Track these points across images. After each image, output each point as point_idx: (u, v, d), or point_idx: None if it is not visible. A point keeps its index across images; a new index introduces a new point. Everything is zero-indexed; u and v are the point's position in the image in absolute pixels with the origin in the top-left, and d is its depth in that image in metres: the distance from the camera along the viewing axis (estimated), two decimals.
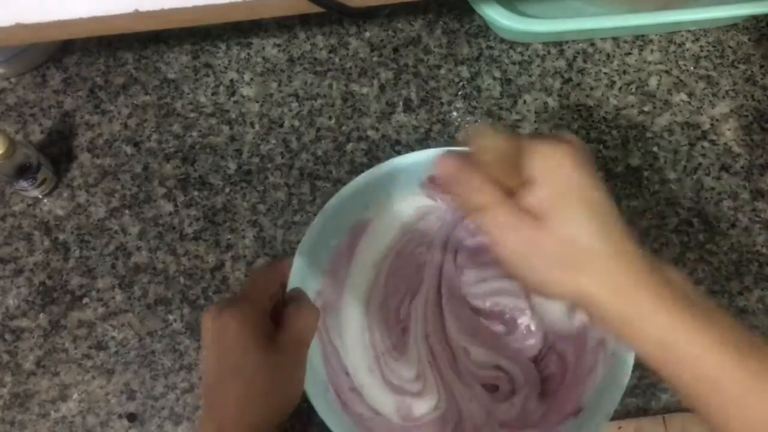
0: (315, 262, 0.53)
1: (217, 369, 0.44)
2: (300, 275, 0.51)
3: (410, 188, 0.57)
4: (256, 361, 0.43)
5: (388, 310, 0.57)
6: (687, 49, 0.67)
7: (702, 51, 0.67)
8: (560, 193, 0.34)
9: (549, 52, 0.67)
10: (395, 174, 0.54)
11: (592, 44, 0.67)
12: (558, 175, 0.35)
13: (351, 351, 0.56)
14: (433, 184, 0.56)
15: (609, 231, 0.34)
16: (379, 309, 0.57)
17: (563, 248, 0.34)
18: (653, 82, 0.66)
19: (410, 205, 0.58)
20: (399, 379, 0.56)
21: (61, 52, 0.67)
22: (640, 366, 0.50)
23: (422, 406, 0.55)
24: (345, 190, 0.52)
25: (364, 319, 0.57)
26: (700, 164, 0.64)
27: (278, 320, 0.47)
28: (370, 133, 0.65)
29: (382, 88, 0.66)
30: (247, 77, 0.67)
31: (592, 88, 0.66)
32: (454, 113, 0.66)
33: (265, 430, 0.45)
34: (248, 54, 0.67)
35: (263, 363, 0.44)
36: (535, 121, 0.65)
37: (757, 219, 0.62)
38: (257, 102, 0.66)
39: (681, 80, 0.66)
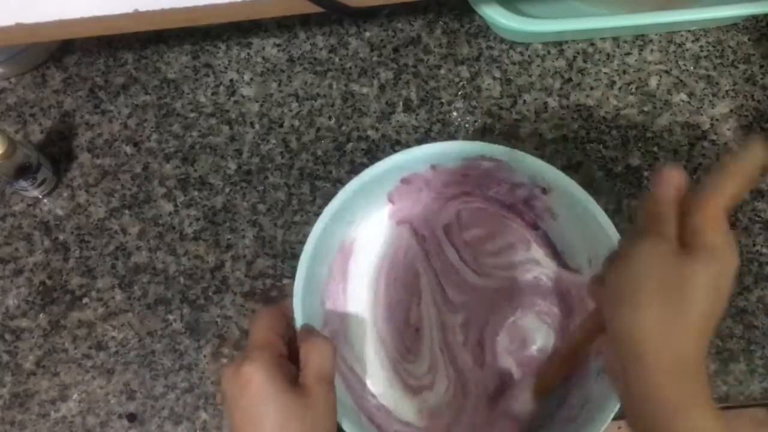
0: (311, 296, 0.53)
1: (248, 424, 0.43)
2: (302, 313, 0.50)
3: (383, 198, 0.58)
4: (286, 408, 0.42)
5: (397, 320, 0.57)
6: (687, 49, 0.67)
7: (702, 51, 0.67)
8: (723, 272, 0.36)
9: (549, 52, 0.67)
10: (368, 188, 0.54)
11: (592, 44, 0.67)
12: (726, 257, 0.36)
13: (370, 372, 0.56)
14: (397, 193, 0.57)
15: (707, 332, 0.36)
16: (387, 322, 0.57)
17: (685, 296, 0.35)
18: (653, 82, 0.66)
19: (386, 213, 0.59)
20: (416, 379, 0.56)
21: (61, 52, 0.67)
22: None
23: (437, 393, 0.55)
24: (326, 214, 0.52)
25: (375, 336, 0.57)
26: (700, 164, 0.64)
27: (295, 360, 0.46)
28: (370, 133, 0.65)
29: (382, 88, 0.66)
30: (247, 77, 0.67)
31: (592, 88, 0.66)
32: (454, 113, 0.66)
33: None
34: (248, 54, 0.67)
35: (293, 409, 0.42)
36: (535, 121, 0.65)
37: (757, 219, 0.62)
38: (257, 102, 0.66)
39: (681, 80, 0.66)
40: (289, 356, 0.46)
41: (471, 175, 0.56)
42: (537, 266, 0.58)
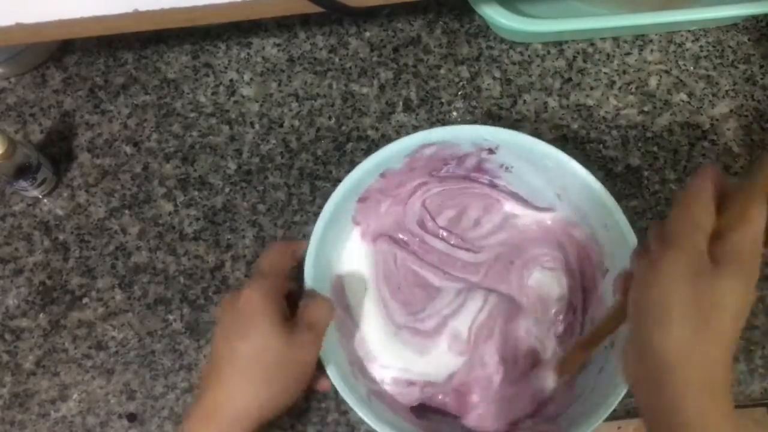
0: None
1: (230, 340, 0.44)
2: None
3: (349, 224, 0.58)
4: (269, 336, 0.43)
5: (414, 311, 0.58)
6: (687, 49, 0.67)
7: (702, 51, 0.67)
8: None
9: (549, 52, 0.67)
10: (334, 218, 0.54)
11: (592, 44, 0.67)
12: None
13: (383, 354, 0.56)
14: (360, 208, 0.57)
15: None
16: (402, 312, 0.58)
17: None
18: (653, 82, 0.66)
19: (357, 236, 0.59)
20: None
21: (61, 52, 0.67)
22: None
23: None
24: (308, 263, 0.52)
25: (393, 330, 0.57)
26: (700, 164, 0.64)
27: (293, 312, 0.48)
28: (370, 133, 0.65)
29: (382, 88, 0.66)
30: (247, 77, 0.67)
31: (592, 88, 0.66)
32: (454, 113, 0.66)
33: (269, 408, 0.44)
34: (248, 54, 0.67)
35: (276, 338, 0.44)
36: (535, 121, 0.65)
37: None
38: (257, 102, 0.66)
39: (681, 80, 0.66)
40: (289, 306, 0.48)
41: (418, 167, 0.57)
42: (516, 218, 0.59)
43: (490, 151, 0.55)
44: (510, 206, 0.59)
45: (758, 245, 0.36)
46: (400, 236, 0.59)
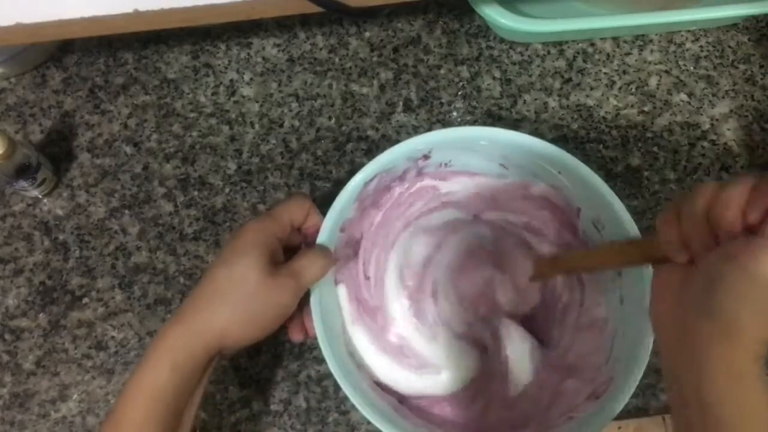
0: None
1: (217, 266, 0.47)
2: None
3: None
4: (249, 272, 0.46)
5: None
6: (687, 49, 0.67)
7: (702, 51, 0.67)
8: None
9: (549, 52, 0.67)
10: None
11: (592, 44, 0.67)
12: None
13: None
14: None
15: None
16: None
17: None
18: (653, 82, 0.66)
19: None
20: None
21: (61, 52, 0.67)
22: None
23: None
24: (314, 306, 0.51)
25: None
26: (700, 164, 0.64)
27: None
28: (370, 133, 0.65)
29: (382, 88, 0.66)
30: (247, 77, 0.67)
31: (592, 88, 0.66)
32: (454, 113, 0.66)
33: (233, 332, 0.45)
34: (248, 54, 0.67)
35: (261, 270, 0.46)
36: (535, 121, 0.65)
37: None
38: (257, 102, 0.66)
39: (681, 80, 0.66)
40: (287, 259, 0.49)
41: (368, 206, 0.56)
42: (473, 190, 0.58)
43: (425, 157, 0.55)
44: (458, 187, 0.59)
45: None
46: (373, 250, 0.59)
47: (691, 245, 0.37)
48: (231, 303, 0.45)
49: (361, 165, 0.63)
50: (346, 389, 0.48)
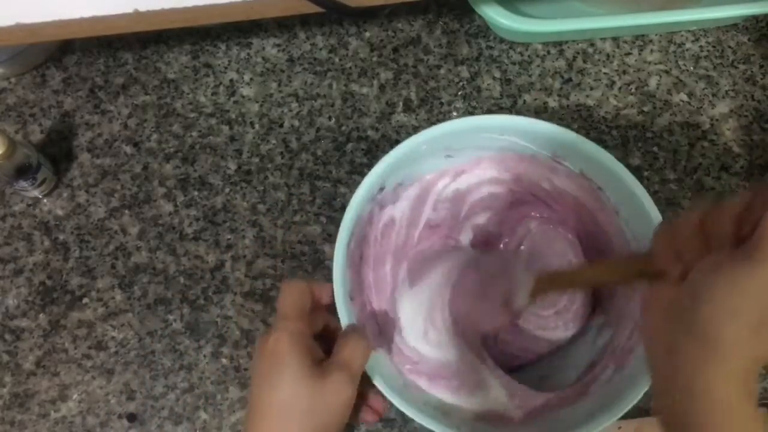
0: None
1: (262, 390, 0.44)
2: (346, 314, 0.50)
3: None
4: (299, 383, 0.43)
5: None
6: (687, 49, 0.67)
7: (702, 51, 0.67)
8: None
9: (549, 52, 0.67)
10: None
11: (592, 44, 0.67)
12: None
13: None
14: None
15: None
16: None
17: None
18: (653, 82, 0.66)
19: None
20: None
21: (61, 52, 0.67)
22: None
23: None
24: (338, 291, 0.50)
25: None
26: (700, 164, 0.64)
27: (329, 353, 0.47)
28: (370, 133, 0.65)
29: (381, 88, 0.66)
30: (247, 77, 0.67)
31: (592, 88, 0.66)
32: (454, 113, 0.66)
33: None
34: (248, 54, 0.67)
35: (306, 384, 0.43)
36: None
37: None
38: (257, 102, 0.66)
39: (681, 80, 0.66)
40: (329, 342, 0.47)
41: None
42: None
43: (381, 189, 0.53)
44: (452, 185, 0.58)
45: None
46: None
47: (684, 257, 0.35)
48: (294, 429, 0.43)
49: (361, 165, 0.64)
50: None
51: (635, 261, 0.44)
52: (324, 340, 0.48)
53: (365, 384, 0.48)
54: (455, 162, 0.56)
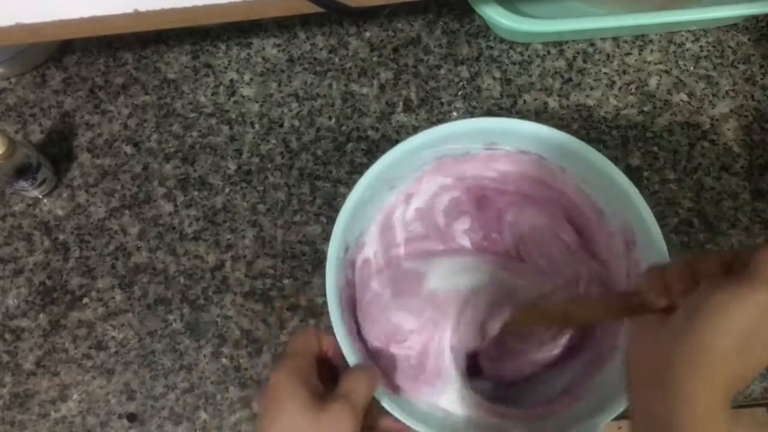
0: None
1: (267, 424, 0.45)
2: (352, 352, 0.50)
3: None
4: (300, 415, 0.43)
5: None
6: (687, 49, 0.67)
7: (702, 51, 0.67)
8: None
9: (549, 52, 0.67)
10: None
11: (592, 44, 0.67)
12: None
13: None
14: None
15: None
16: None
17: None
18: (653, 82, 0.66)
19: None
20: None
21: (61, 52, 0.67)
22: None
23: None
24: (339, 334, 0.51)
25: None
26: (700, 164, 0.64)
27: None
28: (370, 133, 0.65)
29: (382, 88, 0.66)
30: (247, 77, 0.67)
31: (592, 88, 0.66)
32: (454, 113, 0.66)
33: None
34: (248, 54, 0.67)
35: (307, 416, 0.43)
36: (535, 122, 0.65)
37: (757, 219, 0.62)
38: (257, 102, 0.66)
39: (681, 80, 0.66)
40: (325, 383, 0.47)
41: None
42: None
43: (345, 250, 0.53)
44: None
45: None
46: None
47: (672, 290, 0.38)
48: None
49: (361, 165, 0.64)
50: None
51: (618, 297, 0.46)
52: (334, 383, 0.49)
53: (376, 409, 0.48)
54: (400, 189, 0.56)
